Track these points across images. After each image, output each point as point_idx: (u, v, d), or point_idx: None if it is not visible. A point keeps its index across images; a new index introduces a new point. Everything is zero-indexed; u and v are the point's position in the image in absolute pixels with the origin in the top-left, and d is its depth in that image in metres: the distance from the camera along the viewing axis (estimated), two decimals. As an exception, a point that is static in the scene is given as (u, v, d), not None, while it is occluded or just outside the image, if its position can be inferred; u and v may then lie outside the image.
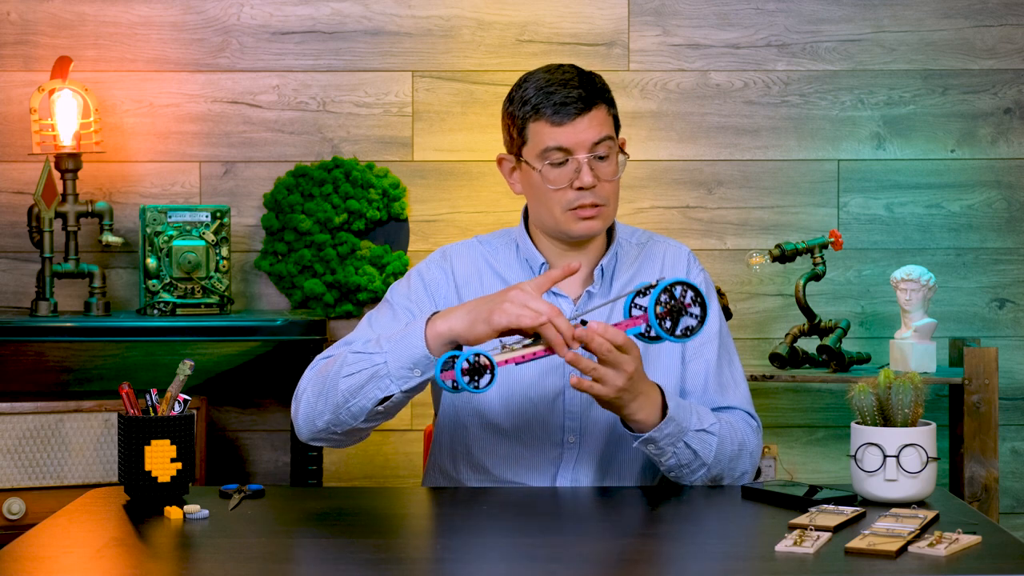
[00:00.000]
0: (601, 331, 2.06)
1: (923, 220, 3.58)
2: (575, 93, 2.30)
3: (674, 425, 2.19)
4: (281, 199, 3.51)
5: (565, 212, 2.32)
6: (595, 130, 2.30)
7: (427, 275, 2.41)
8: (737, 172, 3.58)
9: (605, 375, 2.09)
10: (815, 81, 3.57)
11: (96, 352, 3.56)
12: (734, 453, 2.27)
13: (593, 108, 2.30)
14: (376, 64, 3.56)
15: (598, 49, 3.55)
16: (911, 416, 2.14)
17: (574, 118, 2.29)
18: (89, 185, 3.52)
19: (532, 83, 2.33)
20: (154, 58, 3.55)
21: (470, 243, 2.46)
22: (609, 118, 2.33)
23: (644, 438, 2.18)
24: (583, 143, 2.30)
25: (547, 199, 2.33)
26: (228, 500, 2.16)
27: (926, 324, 3.31)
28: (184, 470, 2.14)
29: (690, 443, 2.21)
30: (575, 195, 2.31)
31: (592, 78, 2.34)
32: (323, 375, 2.21)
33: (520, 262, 2.40)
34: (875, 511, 2.06)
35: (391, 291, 2.42)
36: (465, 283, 2.39)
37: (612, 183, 2.32)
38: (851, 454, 2.13)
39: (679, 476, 2.26)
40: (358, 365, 2.15)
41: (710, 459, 2.24)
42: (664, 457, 2.22)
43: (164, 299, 3.33)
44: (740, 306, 3.56)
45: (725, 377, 2.38)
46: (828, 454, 3.58)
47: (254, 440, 3.61)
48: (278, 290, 3.56)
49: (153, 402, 2.18)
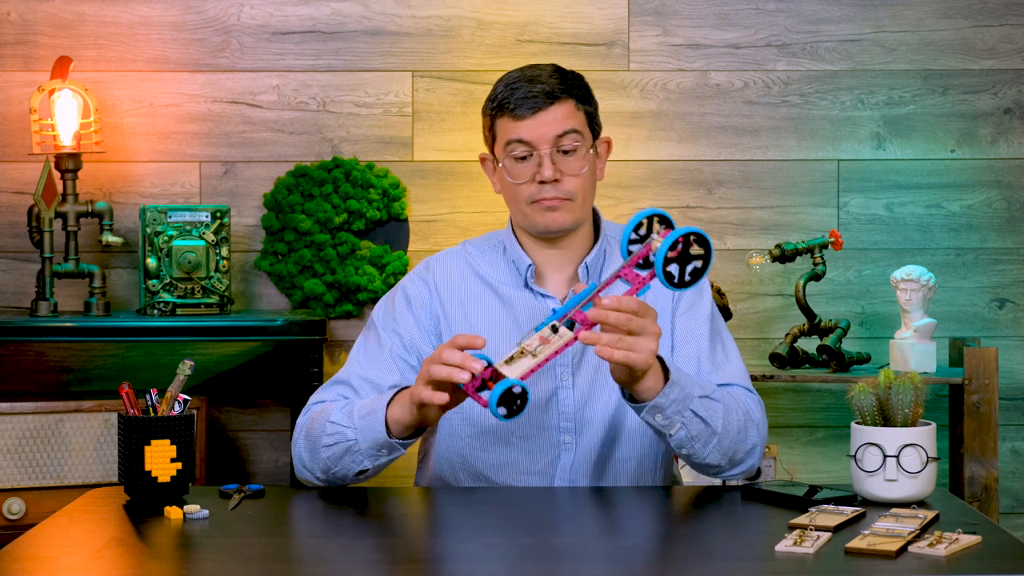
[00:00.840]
0: (615, 304, 2.00)
1: (923, 220, 3.58)
2: (538, 88, 2.31)
3: (678, 390, 2.14)
4: (281, 199, 3.51)
5: (529, 205, 2.33)
6: (557, 124, 2.31)
7: (410, 291, 2.41)
8: (737, 172, 3.58)
9: (635, 344, 2.03)
10: (815, 81, 3.57)
11: (96, 352, 3.56)
12: (741, 423, 2.23)
13: (556, 103, 2.31)
14: (376, 64, 3.56)
15: (598, 49, 3.55)
16: (911, 416, 2.14)
17: (535, 112, 2.30)
18: (89, 185, 3.52)
19: (503, 81, 2.36)
20: (154, 58, 3.55)
21: (456, 250, 2.45)
22: (578, 113, 2.33)
23: (651, 406, 2.13)
24: (544, 136, 2.30)
25: (514, 194, 2.34)
26: (228, 500, 2.16)
27: (926, 324, 3.31)
28: (184, 470, 2.14)
29: (697, 411, 2.16)
30: (536, 188, 2.31)
31: (564, 74, 2.35)
32: (311, 434, 2.26)
33: (507, 264, 2.40)
34: (875, 511, 2.06)
35: (376, 313, 2.43)
36: (448, 292, 2.39)
37: (578, 178, 2.32)
38: (851, 454, 2.13)
39: (692, 453, 2.20)
40: (334, 438, 2.22)
41: (719, 427, 2.19)
42: (673, 428, 2.15)
43: (164, 299, 3.33)
44: (740, 306, 3.56)
45: (718, 357, 2.35)
46: (828, 454, 3.58)
47: (254, 440, 3.61)
48: (278, 290, 3.56)
49: (153, 402, 2.18)
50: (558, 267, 2.38)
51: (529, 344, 1.99)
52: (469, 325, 2.36)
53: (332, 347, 3.56)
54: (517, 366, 1.99)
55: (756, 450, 2.26)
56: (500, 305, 2.37)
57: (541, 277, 2.38)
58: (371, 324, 2.41)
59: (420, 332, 2.37)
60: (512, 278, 2.38)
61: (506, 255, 2.40)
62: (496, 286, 2.38)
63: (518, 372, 1.97)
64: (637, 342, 2.03)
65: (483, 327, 2.35)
